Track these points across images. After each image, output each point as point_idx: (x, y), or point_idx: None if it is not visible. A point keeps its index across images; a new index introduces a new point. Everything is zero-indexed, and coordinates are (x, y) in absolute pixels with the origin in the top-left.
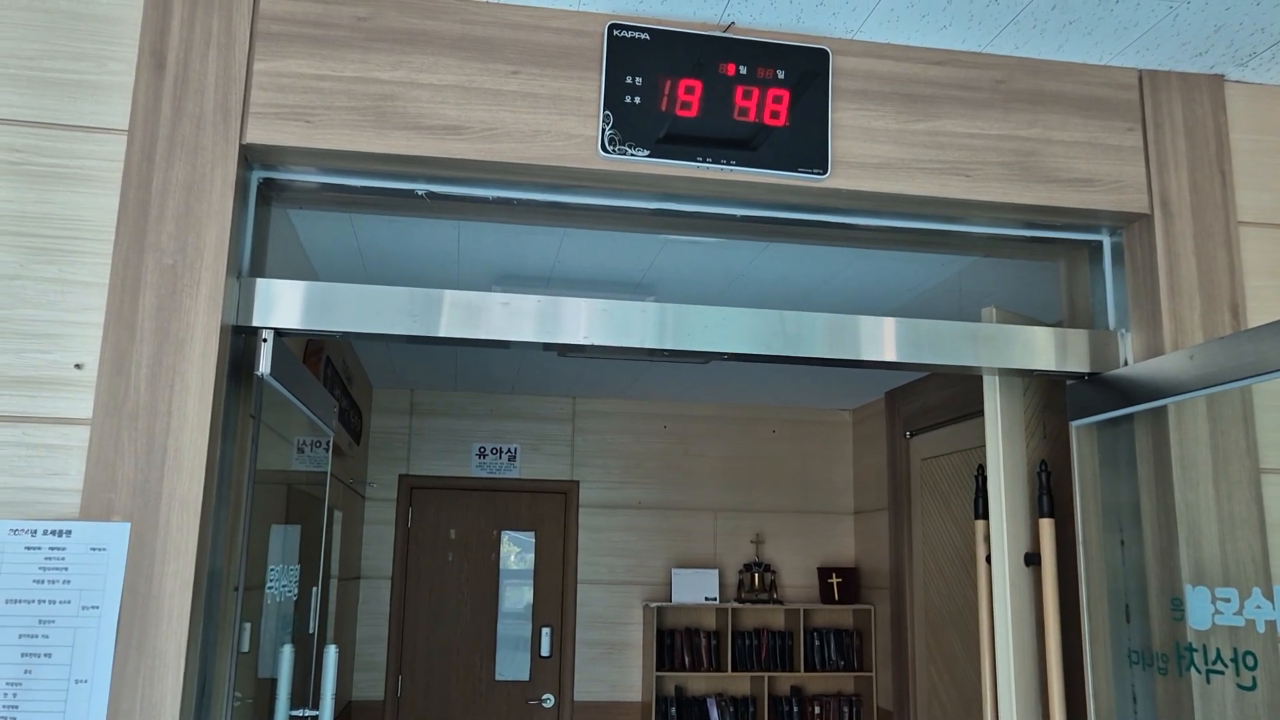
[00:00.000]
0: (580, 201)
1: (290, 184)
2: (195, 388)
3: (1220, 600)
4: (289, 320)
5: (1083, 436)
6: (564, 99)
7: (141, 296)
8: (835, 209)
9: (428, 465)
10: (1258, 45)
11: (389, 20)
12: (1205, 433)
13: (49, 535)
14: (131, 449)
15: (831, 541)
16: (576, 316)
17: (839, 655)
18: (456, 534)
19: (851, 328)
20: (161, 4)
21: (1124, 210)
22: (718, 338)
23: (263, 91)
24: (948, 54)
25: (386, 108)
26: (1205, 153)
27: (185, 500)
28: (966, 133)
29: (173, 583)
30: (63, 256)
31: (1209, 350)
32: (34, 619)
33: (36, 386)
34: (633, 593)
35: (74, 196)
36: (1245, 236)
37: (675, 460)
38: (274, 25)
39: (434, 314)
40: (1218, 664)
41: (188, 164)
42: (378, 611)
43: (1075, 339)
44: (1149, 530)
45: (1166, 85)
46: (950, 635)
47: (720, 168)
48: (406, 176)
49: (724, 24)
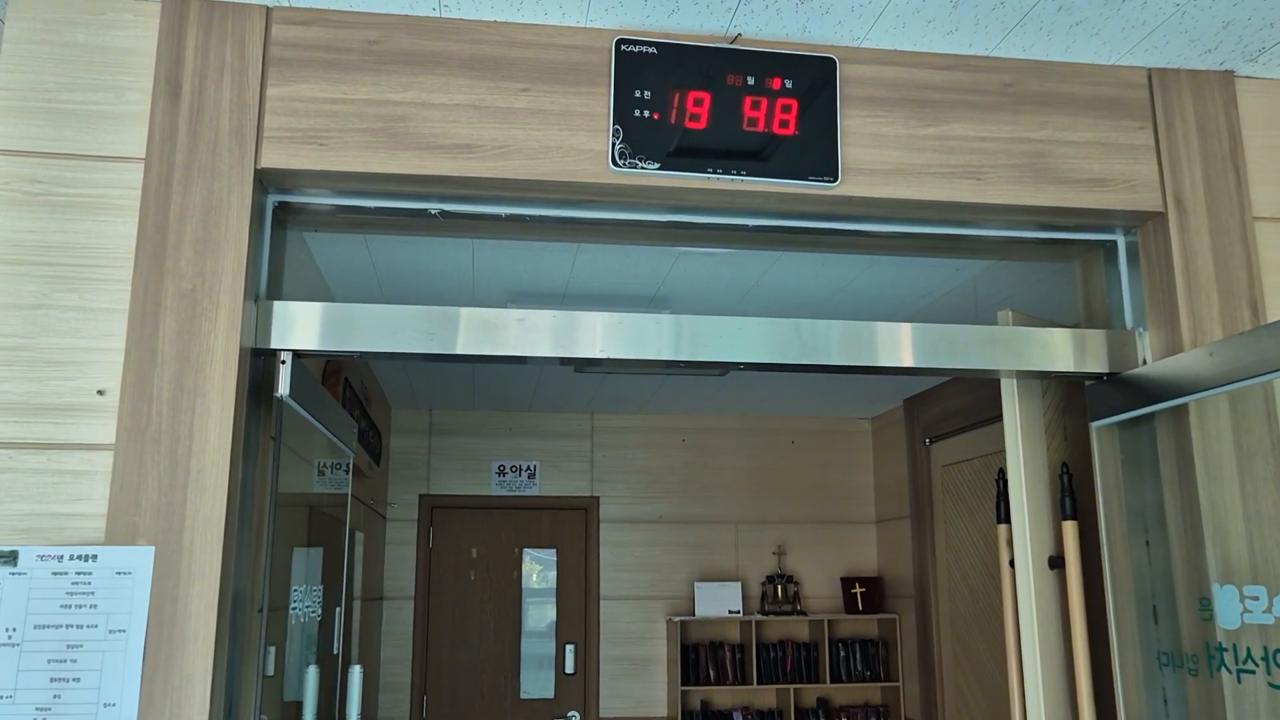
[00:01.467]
0: (592, 216)
1: (305, 207)
2: (216, 410)
3: (1249, 599)
4: (307, 342)
5: (1104, 437)
6: (574, 115)
7: (161, 321)
8: (847, 216)
9: (448, 485)
10: (1267, 40)
11: (399, 43)
12: (1228, 430)
13: (75, 560)
14: (154, 472)
15: (854, 551)
16: (592, 330)
17: (865, 666)
18: (478, 553)
19: (868, 334)
20: (176, 34)
21: (1138, 209)
22: (733, 348)
23: (276, 116)
24: (955, 58)
25: (398, 129)
26: (1218, 149)
27: (208, 522)
28: (977, 136)
29: (198, 604)
30: (84, 284)
31: (1229, 346)
32: (62, 644)
33: (60, 413)
34: (656, 607)
35: (94, 225)
36: (1262, 231)
37: (695, 473)
38: (286, 51)
39: (450, 332)
40: (1248, 663)
41: (204, 189)
42: (401, 632)
43: (1093, 339)
44: (1174, 530)
45: (1176, 83)
46: (977, 642)
47: (731, 178)
48: (419, 196)
49: (730, 35)
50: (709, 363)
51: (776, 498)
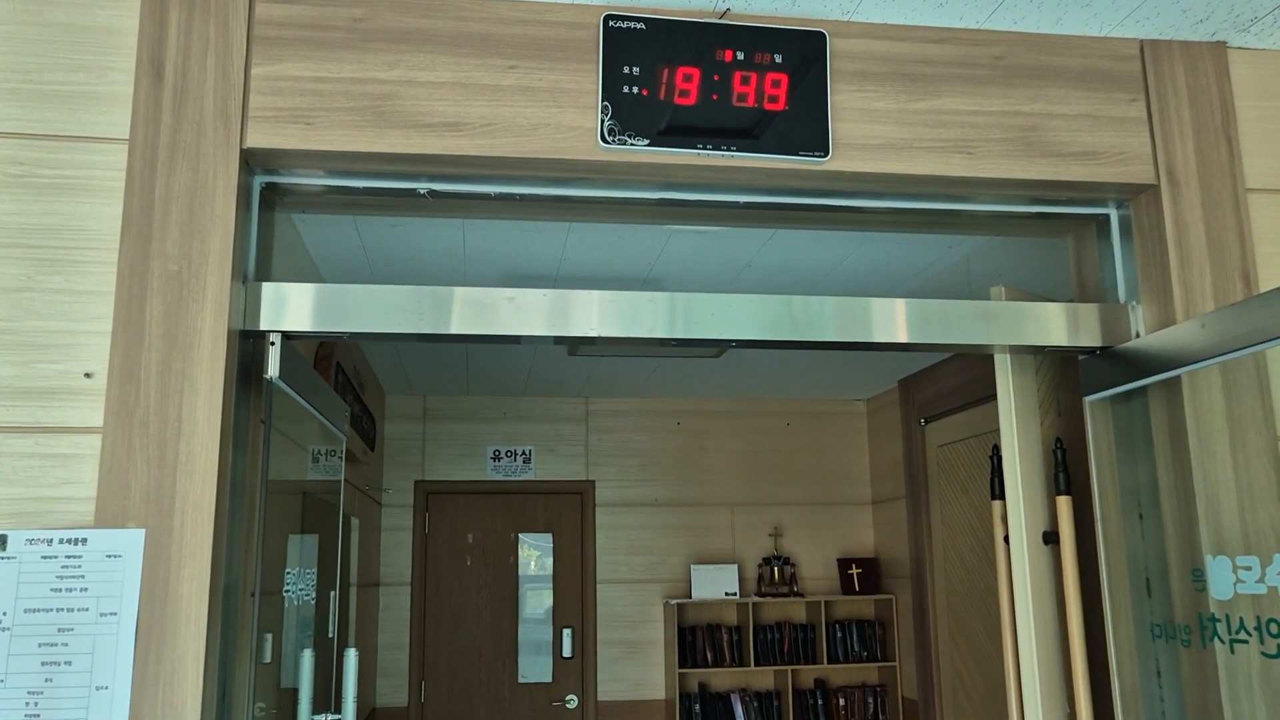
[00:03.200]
0: (582, 194)
1: (293, 187)
2: (205, 393)
3: (1242, 569)
4: (297, 323)
5: (1097, 412)
6: (562, 91)
7: (148, 304)
8: (838, 192)
9: (443, 470)
10: (1259, 10)
11: (385, 20)
12: (1220, 402)
13: (65, 544)
14: (143, 455)
15: (850, 532)
16: (586, 309)
17: (862, 646)
18: (474, 538)
19: (861, 310)
20: (158, 13)
21: (1130, 182)
22: (727, 325)
23: (261, 96)
24: (946, 31)
25: (385, 107)
26: (1210, 121)
27: (198, 505)
28: (968, 110)
29: (189, 588)
30: (69, 267)
31: (1221, 317)
32: (53, 627)
33: (47, 397)
34: (653, 590)
35: (78, 207)
36: (1254, 204)
37: (690, 456)
38: (270, 29)
39: (443, 312)
40: (1241, 633)
41: (190, 170)
42: (398, 618)
43: (1086, 313)
44: (1167, 503)
45: (1168, 54)
46: (973, 621)
47: (721, 154)
48: (408, 176)
49: (719, 10)
50: (703, 340)
51: (772, 480)
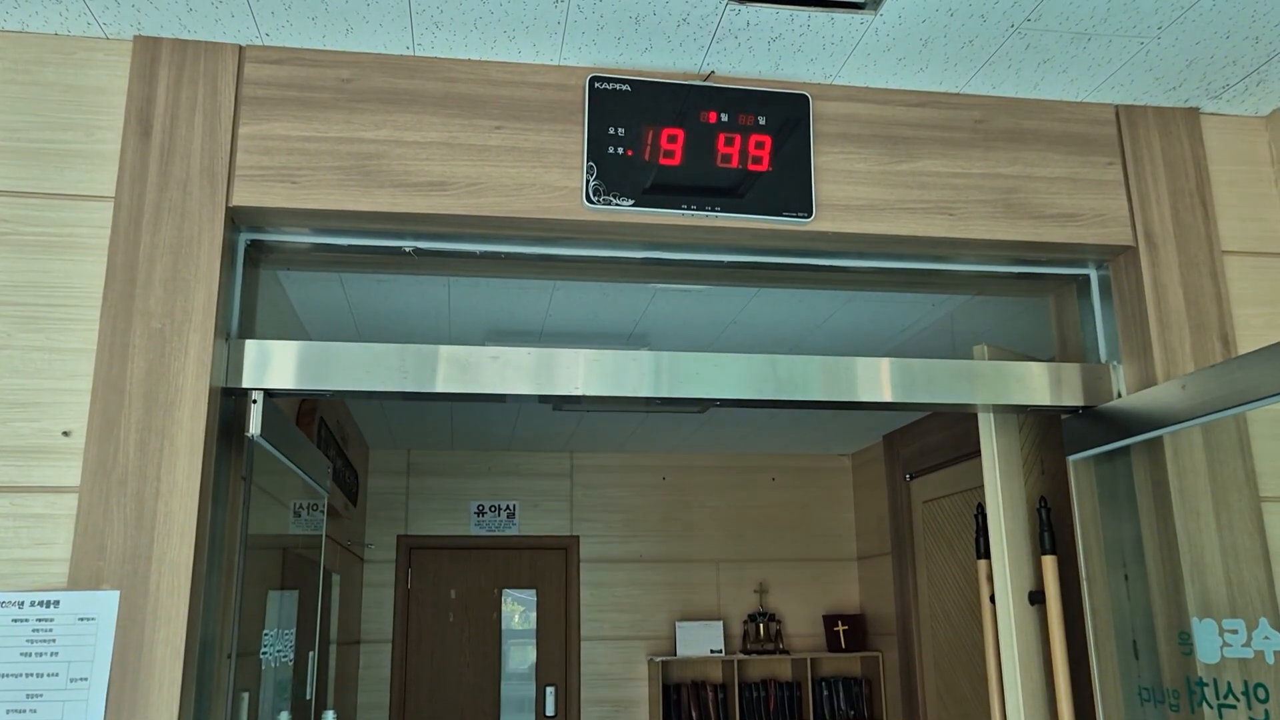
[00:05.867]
0: (568, 253)
1: (278, 245)
2: (185, 451)
3: (1228, 632)
4: (279, 381)
5: (1081, 471)
6: (548, 152)
7: (130, 361)
8: (822, 251)
9: (426, 525)
10: (1230, 78)
11: (373, 81)
12: (1203, 463)
13: (36, 606)
14: (120, 516)
15: (836, 588)
16: (571, 367)
17: (848, 705)
18: (457, 594)
19: (846, 369)
20: (147, 74)
21: (1108, 243)
22: (712, 384)
23: (248, 154)
24: (926, 95)
25: (371, 166)
26: (1185, 184)
27: (175, 566)
28: (949, 172)
29: (163, 651)
30: (51, 324)
31: (1201, 379)
32: (21, 693)
33: (24, 455)
34: (637, 647)
35: (62, 264)
36: (1230, 265)
37: (675, 512)
38: (259, 89)
39: (427, 370)
40: (1229, 698)
41: (175, 228)
42: (379, 677)
43: (1068, 373)
44: (1153, 564)
45: (1144, 119)
46: (961, 680)
47: (706, 214)
48: (393, 234)
49: (704, 73)
50: (688, 399)
51: (757, 536)
